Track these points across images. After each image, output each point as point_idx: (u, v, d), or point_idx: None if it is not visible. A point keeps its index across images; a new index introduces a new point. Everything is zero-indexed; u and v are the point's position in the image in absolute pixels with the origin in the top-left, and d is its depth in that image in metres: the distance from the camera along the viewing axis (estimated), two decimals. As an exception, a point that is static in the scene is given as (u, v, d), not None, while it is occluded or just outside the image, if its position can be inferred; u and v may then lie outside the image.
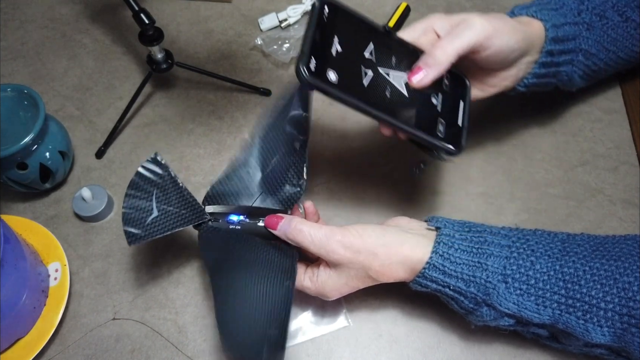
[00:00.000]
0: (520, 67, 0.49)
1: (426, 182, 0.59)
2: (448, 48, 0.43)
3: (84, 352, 0.50)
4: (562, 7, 0.51)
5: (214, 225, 0.46)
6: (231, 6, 0.73)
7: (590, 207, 0.57)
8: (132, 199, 0.44)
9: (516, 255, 0.42)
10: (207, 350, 0.50)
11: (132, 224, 0.44)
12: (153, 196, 0.45)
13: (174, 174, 0.46)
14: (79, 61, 0.69)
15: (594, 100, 0.64)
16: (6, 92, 0.54)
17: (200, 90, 0.66)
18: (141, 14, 0.54)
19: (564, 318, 0.40)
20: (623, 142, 0.61)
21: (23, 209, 0.58)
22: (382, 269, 0.43)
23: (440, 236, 0.43)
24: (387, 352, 0.50)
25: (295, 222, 0.44)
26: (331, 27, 0.41)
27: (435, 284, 0.43)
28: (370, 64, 0.42)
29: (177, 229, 0.44)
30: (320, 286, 0.45)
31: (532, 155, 0.61)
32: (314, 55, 0.38)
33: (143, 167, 0.46)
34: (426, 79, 0.43)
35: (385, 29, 0.44)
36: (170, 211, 0.45)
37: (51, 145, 0.54)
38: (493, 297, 0.41)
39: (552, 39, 0.48)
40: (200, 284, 0.53)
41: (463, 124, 0.47)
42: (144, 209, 0.44)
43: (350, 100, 0.40)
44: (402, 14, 0.71)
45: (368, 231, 0.43)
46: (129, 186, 0.45)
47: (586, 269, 0.41)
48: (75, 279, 0.54)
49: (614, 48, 0.53)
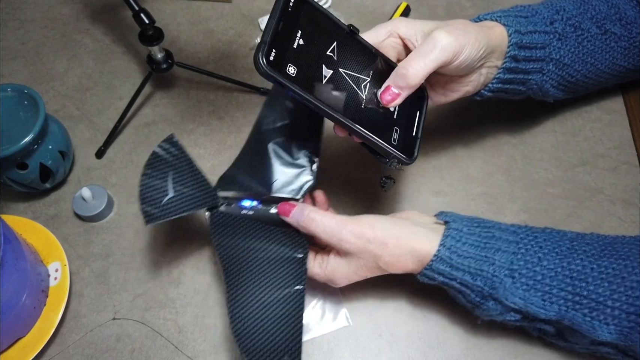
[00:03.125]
0: (482, 72, 0.48)
1: (426, 182, 0.59)
2: (419, 69, 0.42)
3: (84, 352, 0.50)
4: (533, 15, 0.51)
5: (226, 210, 0.47)
6: (231, 6, 0.73)
7: (590, 207, 0.57)
8: (149, 178, 0.45)
9: (524, 251, 0.42)
10: (207, 350, 0.50)
11: (148, 203, 0.44)
12: (169, 177, 0.45)
13: (189, 156, 0.46)
14: (79, 61, 0.69)
15: (594, 100, 0.64)
16: (6, 92, 0.54)
17: (200, 90, 0.66)
18: (141, 14, 0.54)
19: (570, 315, 0.41)
20: (623, 142, 0.61)
21: (23, 209, 0.58)
22: (391, 259, 0.43)
23: (449, 230, 0.44)
24: (387, 352, 0.50)
25: (308, 211, 0.45)
26: (295, 20, 0.40)
27: (442, 277, 0.43)
28: (332, 63, 0.42)
29: (191, 210, 0.45)
30: (329, 273, 0.45)
31: (532, 155, 0.61)
32: (274, 46, 0.38)
33: (159, 147, 0.46)
34: (399, 100, 0.43)
35: (350, 29, 0.44)
36: (185, 192, 0.45)
37: (51, 145, 0.54)
38: (499, 291, 0.41)
39: (516, 44, 0.48)
40: (200, 284, 0.53)
41: (417, 134, 0.47)
42: (159, 189, 0.45)
43: (307, 97, 0.39)
44: (402, 13, 0.71)
45: (379, 222, 0.44)
46: (145, 165, 0.46)
47: (594, 266, 0.41)
48: (75, 278, 0.54)
49: (591, 60, 0.53)
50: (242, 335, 0.41)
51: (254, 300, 0.42)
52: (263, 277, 0.43)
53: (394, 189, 0.58)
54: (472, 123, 0.63)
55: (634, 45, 0.54)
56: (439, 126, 0.62)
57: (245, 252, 0.44)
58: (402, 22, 0.47)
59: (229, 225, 0.46)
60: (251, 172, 0.49)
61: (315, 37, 0.41)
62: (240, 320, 0.41)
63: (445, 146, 0.61)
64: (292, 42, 0.39)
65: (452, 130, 0.62)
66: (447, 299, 0.52)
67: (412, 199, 0.58)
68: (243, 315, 0.42)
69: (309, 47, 0.40)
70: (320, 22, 0.42)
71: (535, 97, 0.55)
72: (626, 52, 0.55)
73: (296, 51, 0.40)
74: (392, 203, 0.58)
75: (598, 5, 0.53)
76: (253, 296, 0.42)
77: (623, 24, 0.53)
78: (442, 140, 0.62)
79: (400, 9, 0.71)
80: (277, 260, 0.44)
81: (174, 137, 0.46)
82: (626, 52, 0.55)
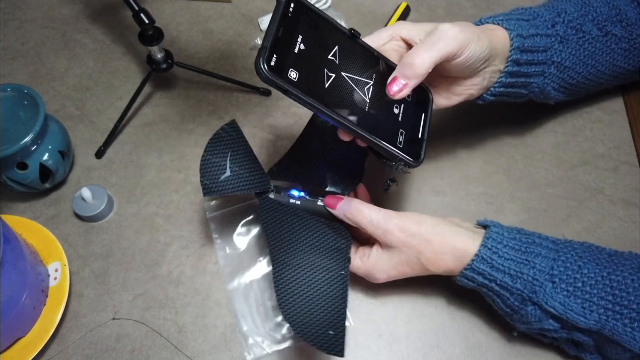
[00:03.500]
0: (485, 76, 0.48)
1: (427, 182, 0.59)
2: (425, 58, 0.42)
3: (84, 352, 0.50)
4: (535, 18, 0.51)
5: (275, 197, 0.49)
6: (231, 6, 0.73)
7: (590, 207, 0.57)
8: (210, 155, 0.47)
9: (564, 258, 0.43)
10: (207, 350, 0.50)
11: (207, 177, 0.47)
12: (228, 156, 0.48)
13: (247, 142, 0.49)
14: (79, 61, 0.69)
15: (594, 101, 0.64)
16: (6, 92, 0.54)
17: (200, 90, 0.66)
18: (141, 14, 0.54)
19: (610, 324, 0.40)
20: (623, 142, 0.61)
21: (23, 209, 0.58)
22: (433, 255, 0.44)
23: (490, 232, 0.44)
24: (387, 352, 0.50)
25: (356, 203, 0.47)
26: (295, 25, 0.40)
27: (482, 277, 0.44)
28: (333, 67, 0.42)
29: (245, 191, 0.48)
30: (370, 266, 0.46)
31: (532, 155, 0.61)
32: (275, 51, 0.38)
33: (222, 129, 0.49)
34: (406, 90, 0.42)
35: (351, 32, 0.44)
36: (241, 174, 0.48)
37: (51, 145, 0.54)
38: (539, 295, 0.41)
39: (518, 48, 0.48)
40: (200, 284, 0.53)
41: (423, 136, 0.47)
42: (218, 166, 0.47)
43: (310, 102, 0.39)
44: (402, 13, 0.71)
45: (424, 218, 0.46)
46: (208, 143, 0.48)
47: (634, 278, 0.41)
48: (75, 278, 0.54)
49: (592, 62, 0.53)
50: (289, 310, 0.43)
51: (299, 279, 0.44)
52: (308, 260, 0.45)
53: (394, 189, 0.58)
54: (473, 123, 0.63)
55: (634, 46, 0.54)
56: (440, 126, 0.62)
57: (292, 236, 0.47)
58: (403, 24, 0.47)
59: (277, 210, 0.48)
60: (303, 163, 0.52)
61: (316, 41, 0.41)
62: (286, 296, 0.43)
63: (446, 146, 0.61)
64: (293, 47, 0.40)
65: (452, 131, 0.62)
66: (448, 299, 0.52)
67: (412, 199, 0.58)
68: (289, 292, 0.43)
69: (310, 52, 0.40)
70: (320, 27, 0.42)
71: (536, 100, 0.55)
72: (627, 54, 0.55)
73: (297, 56, 0.40)
74: (393, 203, 0.58)
75: (599, 7, 0.53)
76: (299, 275, 0.44)
77: (624, 26, 0.53)
78: (443, 140, 0.62)
79: (400, 9, 0.71)
80: (321, 248, 0.46)
81: (235, 122, 0.49)
82: (627, 54, 0.55)
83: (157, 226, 0.56)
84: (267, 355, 0.49)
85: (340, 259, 0.46)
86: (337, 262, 0.46)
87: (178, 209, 0.57)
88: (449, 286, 0.51)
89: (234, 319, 0.51)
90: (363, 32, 0.45)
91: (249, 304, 0.52)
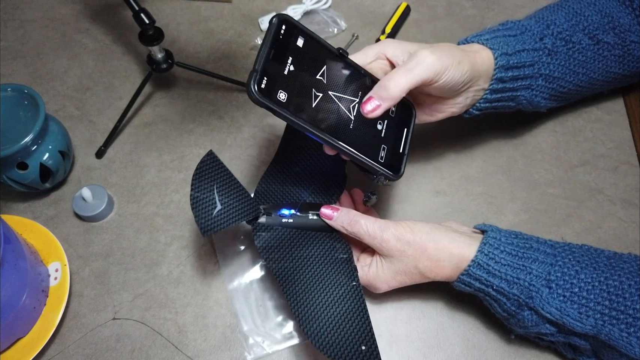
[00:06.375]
0: (469, 95, 0.49)
1: (427, 182, 0.59)
2: (401, 82, 0.43)
3: (84, 352, 0.50)
4: (523, 32, 0.51)
5: (267, 221, 0.49)
6: (231, 6, 0.73)
7: (590, 207, 0.57)
8: (197, 192, 0.47)
9: (561, 263, 0.43)
10: (207, 350, 0.50)
11: (200, 215, 0.46)
12: (214, 189, 0.47)
13: (228, 169, 0.48)
14: (79, 61, 0.69)
15: (594, 101, 0.64)
16: (6, 92, 0.54)
17: (200, 90, 0.66)
18: (141, 14, 0.54)
19: (606, 329, 0.40)
20: (623, 142, 0.61)
21: (23, 209, 0.58)
22: (430, 263, 0.44)
23: (487, 237, 0.44)
24: (387, 352, 0.50)
25: (353, 214, 0.47)
26: (286, 47, 0.41)
27: (479, 283, 0.44)
28: (321, 87, 0.43)
29: (239, 222, 0.47)
30: (372, 277, 0.47)
31: (532, 155, 0.61)
32: (265, 74, 0.39)
33: (202, 162, 0.48)
34: (379, 111, 0.43)
35: (339, 52, 0.44)
36: (231, 204, 0.47)
37: (51, 145, 0.54)
38: (536, 300, 0.42)
39: (503, 66, 0.48)
40: (200, 284, 0.53)
41: (404, 151, 0.48)
42: (208, 202, 0.46)
43: (297, 122, 0.40)
44: (402, 13, 0.71)
45: (419, 226, 0.46)
46: (193, 178, 0.47)
47: (631, 283, 0.41)
48: (75, 278, 0.54)
49: (584, 70, 0.53)
50: (316, 336, 0.42)
51: (316, 303, 0.44)
52: (318, 281, 0.45)
53: (394, 189, 0.58)
54: (473, 124, 0.63)
55: (628, 52, 0.54)
56: (440, 127, 0.62)
57: (295, 261, 0.46)
58: (389, 43, 0.47)
59: (273, 237, 0.48)
60: (286, 180, 0.52)
61: (306, 62, 0.42)
62: (309, 323, 0.43)
63: (446, 146, 0.61)
64: (283, 69, 0.41)
65: (452, 131, 0.62)
66: (447, 299, 0.52)
67: (412, 199, 0.58)
68: (310, 318, 0.43)
69: (299, 72, 0.42)
70: (310, 47, 0.43)
71: (525, 110, 0.55)
72: (620, 60, 0.55)
73: (287, 77, 0.41)
74: (393, 203, 0.58)
75: (590, 16, 0.53)
76: (314, 300, 0.44)
77: (617, 33, 0.53)
78: (443, 140, 0.62)
79: (400, 9, 0.71)
80: (325, 264, 0.46)
81: (212, 152, 0.48)
82: (620, 60, 0.55)
83: (157, 226, 0.56)
84: (267, 355, 0.49)
85: (347, 269, 0.46)
86: (345, 274, 0.46)
87: (178, 209, 0.58)
88: (448, 287, 0.51)
89: (234, 318, 0.51)
90: (363, 32, 0.46)
91: (249, 304, 0.52)
